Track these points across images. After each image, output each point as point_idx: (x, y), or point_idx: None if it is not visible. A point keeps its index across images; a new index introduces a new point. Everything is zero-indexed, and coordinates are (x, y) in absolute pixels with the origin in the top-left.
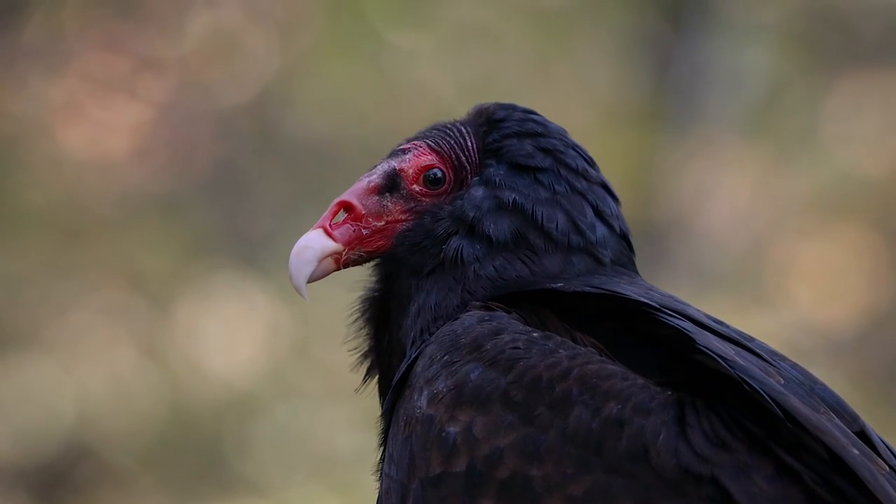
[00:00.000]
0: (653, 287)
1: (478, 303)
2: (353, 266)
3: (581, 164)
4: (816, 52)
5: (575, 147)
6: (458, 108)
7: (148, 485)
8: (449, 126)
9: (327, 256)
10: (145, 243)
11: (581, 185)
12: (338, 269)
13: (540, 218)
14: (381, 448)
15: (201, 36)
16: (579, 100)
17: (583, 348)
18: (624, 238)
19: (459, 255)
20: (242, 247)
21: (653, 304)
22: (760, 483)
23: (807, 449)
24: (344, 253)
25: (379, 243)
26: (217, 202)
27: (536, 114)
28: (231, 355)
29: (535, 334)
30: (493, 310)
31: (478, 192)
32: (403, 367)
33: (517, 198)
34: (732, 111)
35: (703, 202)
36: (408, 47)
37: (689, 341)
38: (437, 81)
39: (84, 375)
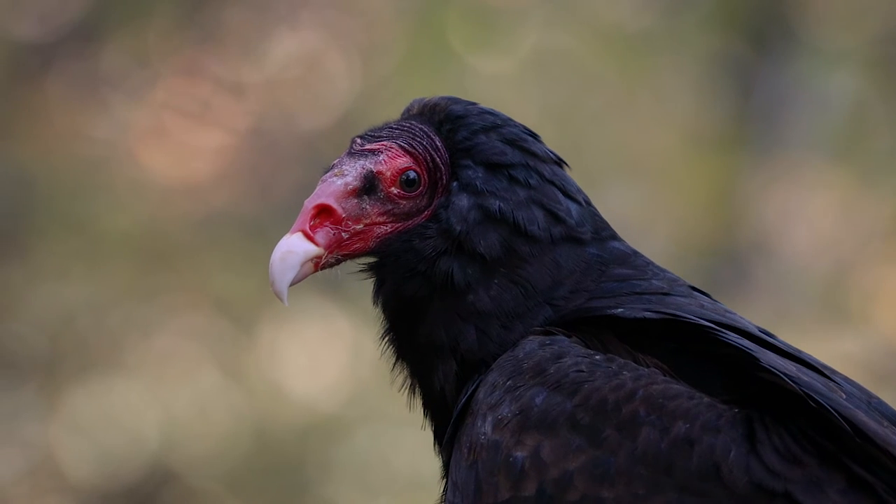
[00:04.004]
0: (695, 294)
1: (539, 328)
2: (327, 269)
3: (540, 147)
4: None
5: (526, 130)
6: (541, 133)
7: None
8: (407, 125)
9: (309, 261)
10: (228, 267)
11: (547, 170)
12: (315, 272)
13: (523, 223)
14: (444, 479)
15: (283, 60)
16: (662, 124)
17: (646, 369)
18: (589, 204)
19: (451, 279)
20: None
21: (712, 325)
22: (834, 496)
23: (876, 461)
24: (324, 256)
25: (356, 246)
26: None
27: (481, 105)
28: (314, 379)
29: (597, 357)
30: (553, 334)
31: (462, 200)
32: (463, 398)
33: (502, 206)
34: (816, 135)
35: (786, 226)
36: (490, 71)
37: (753, 360)
38: (520, 106)
39: (168, 399)
